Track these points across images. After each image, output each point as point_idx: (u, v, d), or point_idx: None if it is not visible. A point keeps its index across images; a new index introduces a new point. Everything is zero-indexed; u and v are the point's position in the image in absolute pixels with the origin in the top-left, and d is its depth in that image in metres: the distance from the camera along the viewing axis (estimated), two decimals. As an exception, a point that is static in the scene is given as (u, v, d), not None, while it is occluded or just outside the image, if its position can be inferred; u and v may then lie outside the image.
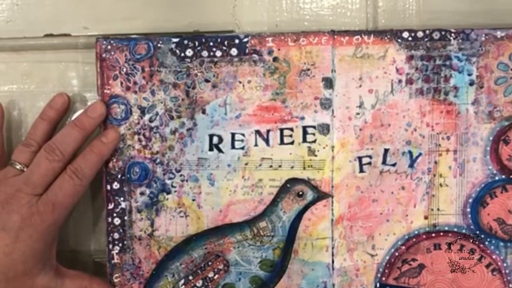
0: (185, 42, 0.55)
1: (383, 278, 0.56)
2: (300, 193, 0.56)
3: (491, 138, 0.54)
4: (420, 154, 0.55)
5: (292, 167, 0.55)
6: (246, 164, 0.55)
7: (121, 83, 0.55)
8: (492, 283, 0.55)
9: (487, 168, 0.55)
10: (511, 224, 0.55)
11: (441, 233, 0.55)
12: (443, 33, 0.54)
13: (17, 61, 0.59)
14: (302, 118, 0.55)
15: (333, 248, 0.56)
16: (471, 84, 0.54)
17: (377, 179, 0.55)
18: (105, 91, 0.55)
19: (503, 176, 0.54)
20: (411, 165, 0.55)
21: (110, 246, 0.56)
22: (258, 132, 0.55)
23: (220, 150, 0.56)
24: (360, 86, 0.55)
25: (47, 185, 0.52)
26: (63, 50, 0.59)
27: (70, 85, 0.59)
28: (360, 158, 0.55)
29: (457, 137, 0.55)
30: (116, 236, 0.56)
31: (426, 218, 0.55)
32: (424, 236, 0.55)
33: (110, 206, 0.56)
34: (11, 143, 0.59)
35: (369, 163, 0.55)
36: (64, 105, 0.56)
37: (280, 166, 0.55)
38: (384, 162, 0.55)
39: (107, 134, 0.54)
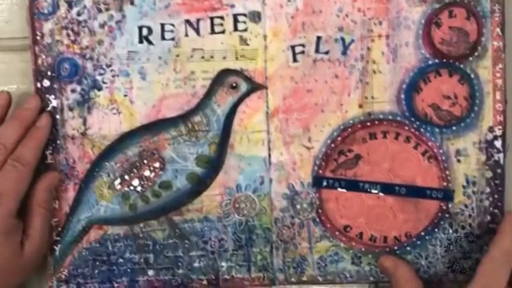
0: None
1: (320, 171, 0.56)
2: (234, 85, 0.55)
3: (422, 21, 0.54)
4: (352, 41, 0.54)
5: (224, 57, 0.54)
6: (177, 55, 0.54)
7: (46, -25, 0.54)
8: (429, 170, 0.55)
9: (419, 52, 0.54)
10: (446, 109, 0.55)
11: (377, 122, 0.55)
12: None
13: (17, 61, 0.57)
14: (232, 6, 0.54)
15: (269, 141, 0.55)
16: (402, -34, 0.54)
17: (310, 68, 0.55)
18: (30, -17, 0.54)
19: (436, 60, 0.54)
20: (344, 53, 0.54)
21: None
22: (188, 21, 0.54)
23: (150, 42, 0.54)
24: (291, -27, 0.54)
25: None
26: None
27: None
28: (293, 47, 0.54)
29: (389, 22, 0.54)
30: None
31: (360, 106, 0.55)
32: (359, 126, 0.55)
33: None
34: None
35: (303, 52, 0.54)
36: (6, 101, 0.55)
37: (212, 57, 0.54)
38: (317, 51, 0.54)
39: (40, 120, 0.55)
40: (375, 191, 0.55)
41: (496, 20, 0.54)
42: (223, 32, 0.54)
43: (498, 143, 0.54)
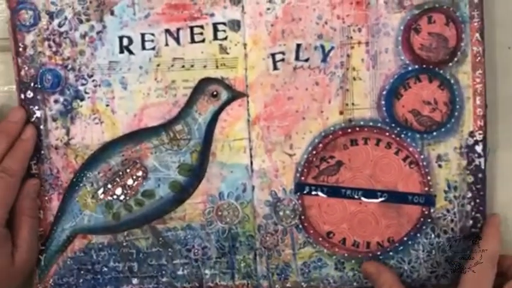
0: None
1: (302, 178, 0.56)
2: (215, 93, 0.55)
3: (402, 27, 0.54)
4: (332, 48, 0.54)
5: (205, 66, 0.55)
6: (158, 65, 0.55)
7: (27, -13, 0.54)
8: (410, 176, 0.55)
9: (399, 58, 0.54)
10: (426, 115, 0.55)
11: (357, 128, 0.55)
12: None
13: (17, 61, 0.57)
14: (212, 15, 0.54)
15: (251, 149, 0.56)
16: (380, -27, 0.54)
17: (290, 75, 0.55)
18: (11, -4, 0.54)
19: (416, 66, 0.54)
20: (324, 60, 0.54)
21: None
22: (168, 31, 0.54)
23: (130, 52, 0.55)
24: (270, -19, 0.54)
25: None
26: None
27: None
28: (273, 55, 0.55)
29: (368, 29, 0.54)
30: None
31: (341, 113, 0.55)
32: (340, 132, 0.55)
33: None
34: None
35: (283, 60, 0.55)
36: None
37: (192, 66, 0.55)
38: (297, 58, 0.55)
39: (25, 132, 0.55)
40: (357, 197, 0.56)
41: (475, 25, 0.54)
42: (203, 41, 0.54)
43: (479, 148, 0.55)
